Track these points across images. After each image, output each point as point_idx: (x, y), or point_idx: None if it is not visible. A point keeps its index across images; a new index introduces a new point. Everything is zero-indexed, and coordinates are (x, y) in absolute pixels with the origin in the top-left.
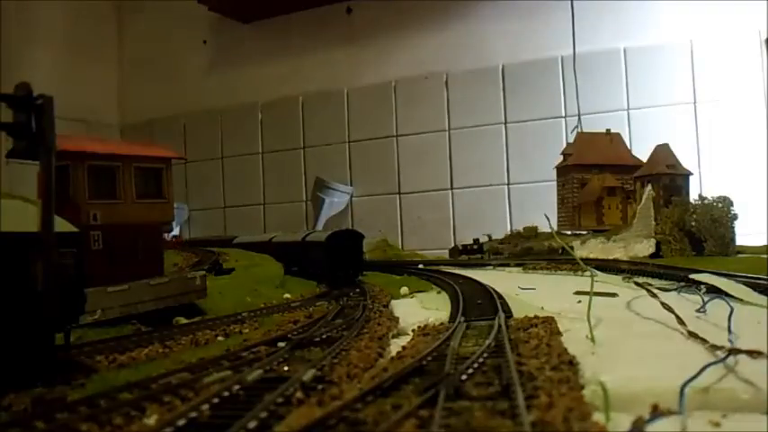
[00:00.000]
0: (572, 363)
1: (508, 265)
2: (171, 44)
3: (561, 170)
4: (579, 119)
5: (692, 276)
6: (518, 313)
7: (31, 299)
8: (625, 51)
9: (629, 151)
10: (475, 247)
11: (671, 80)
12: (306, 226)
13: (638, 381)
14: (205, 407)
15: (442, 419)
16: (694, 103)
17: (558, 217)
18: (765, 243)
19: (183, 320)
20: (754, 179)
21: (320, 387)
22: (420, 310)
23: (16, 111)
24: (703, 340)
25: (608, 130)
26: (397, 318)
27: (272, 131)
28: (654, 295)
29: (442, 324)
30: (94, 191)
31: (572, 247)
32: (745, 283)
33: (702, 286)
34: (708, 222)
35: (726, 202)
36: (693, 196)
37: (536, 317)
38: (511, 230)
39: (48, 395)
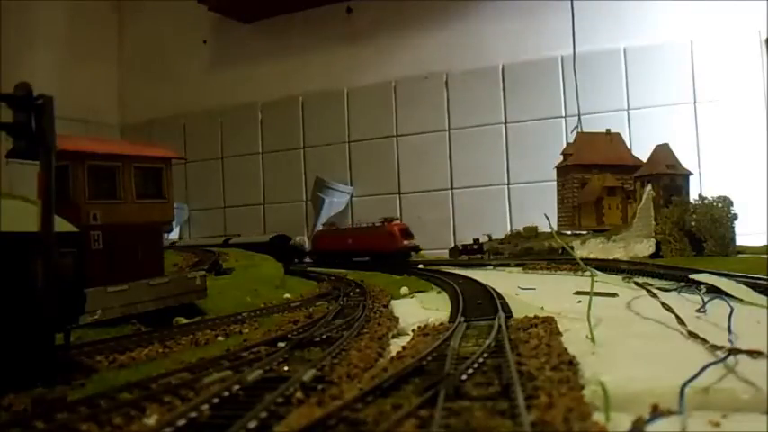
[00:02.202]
0: (572, 363)
1: (508, 265)
2: (171, 44)
3: (561, 170)
4: (579, 119)
5: (692, 276)
6: (518, 313)
7: (30, 299)
8: (625, 51)
9: (629, 151)
10: (475, 247)
11: (671, 80)
12: (306, 226)
13: (638, 381)
14: (205, 407)
15: (441, 419)
16: (694, 103)
17: (558, 217)
18: (765, 243)
19: (183, 320)
20: (754, 179)
21: (320, 387)
22: (420, 310)
23: (16, 111)
24: (703, 340)
25: (608, 130)
26: (397, 318)
27: (272, 131)
28: (654, 295)
29: (441, 324)
30: (94, 191)
31: (572, 247)
32: (745, 283)
33: (702, 286)
34: (708, 222)
35: (726, 202)
36: (693, 196)
37: (536, 317)
38: (511, 230)
39: (48, 395)
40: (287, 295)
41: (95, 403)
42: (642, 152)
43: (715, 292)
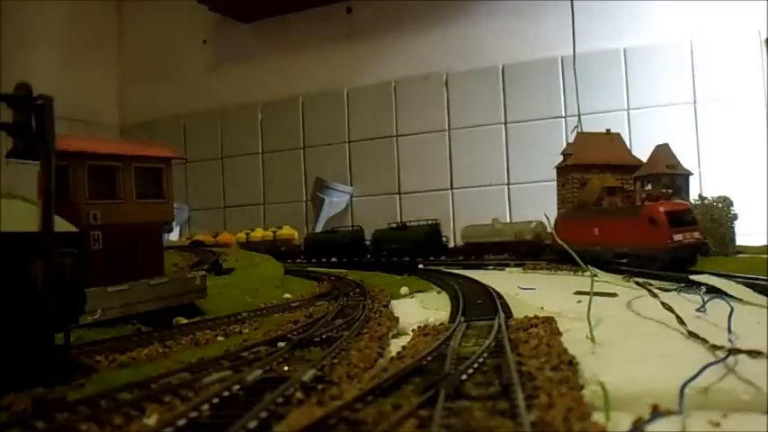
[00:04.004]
0: (572, 363)
1: (508, 265)
2: (171, 44)
3: (561, 170)
4: (579, 119)
5: (692, 277)
6: (518, 313)
7: (30, 299)
8: (625, 51)
9: (629, 151)
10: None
11: (671, 80)
12: (306, 226)
13: (638, 381)
14: (205, 407)
15: (442, 419)
16: (694, 103)
17: None
18: (765, 243)
19: (183, 320)
20: (754, 179)
21: (320, 387)
22: (420, 310)
23: (16, 111)
24: (703, 340)
25: (608, 130)
26: (397, 318)
27: (272, 131)
28: (654, 295)
29: (442, 324)
30: (94, 191)
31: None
32: (745, 284)
33: (702, 286)
34: (708, 222)
35: (726, 203)
36: (693, 196)
37: (536, 317)
38: None
39: (48, 395)
40: (287, 295)
41: (95, 403)
42: (642, 152)
43: (715, 292)
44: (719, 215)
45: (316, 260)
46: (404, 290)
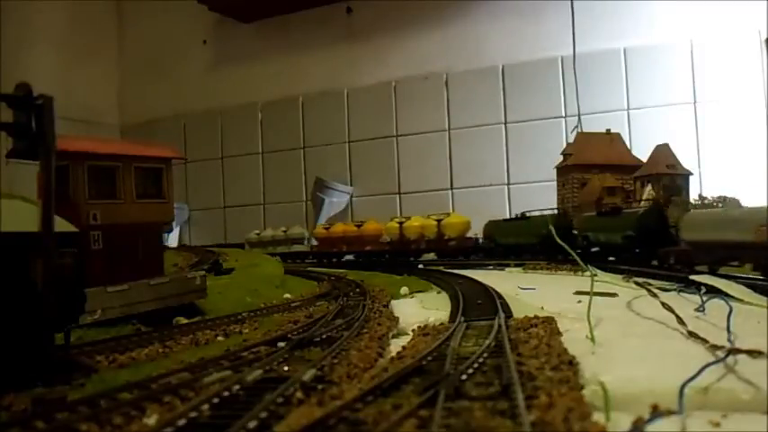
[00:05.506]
0: (572, 363)
1: (508, 266)
2: (171, 44)
3: (561, 170)
4: (579, 119)
5: (692, 277)
6: (518, 313)
7: (30, 299)
8: (625, 51)
9: (629, 151)
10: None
11: (671, 80)
12: (306, 226)
13: (638, 381)
14: (205, 407)
15: (442, 419)
16: (694, 103)
17: None
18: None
19: (183, 320)
20: (754, 179)
21: (320, 387)
22: (420, 310)
23: (16, 111)
24: (703, 340)
25: (608, 130)
26: (397, 318)
27: (272, 131)
28: (654, 295)
29: (442, 324)
30: (94, 191)
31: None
32: (745, 284)
33: (702, 286)
34: None
35: (726, 203)
36: (693, 196)
37: (536, 317)
38: None
39: (48, 395)
40: (287, 295)
41: (95, 403)
42: (642, 152)
43: (714, 292)
44: None
45: (500, 256)
46: (404, 290)
